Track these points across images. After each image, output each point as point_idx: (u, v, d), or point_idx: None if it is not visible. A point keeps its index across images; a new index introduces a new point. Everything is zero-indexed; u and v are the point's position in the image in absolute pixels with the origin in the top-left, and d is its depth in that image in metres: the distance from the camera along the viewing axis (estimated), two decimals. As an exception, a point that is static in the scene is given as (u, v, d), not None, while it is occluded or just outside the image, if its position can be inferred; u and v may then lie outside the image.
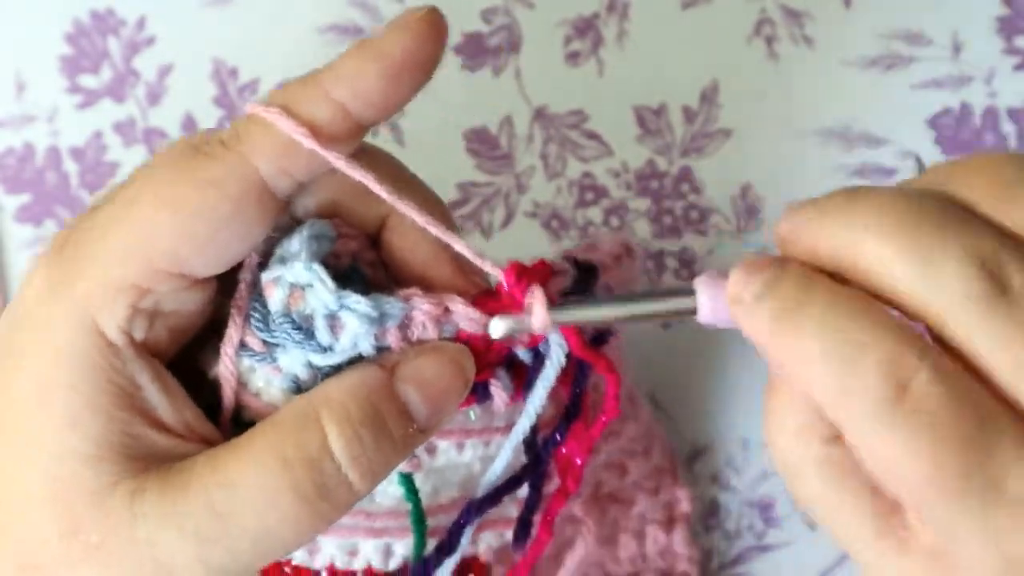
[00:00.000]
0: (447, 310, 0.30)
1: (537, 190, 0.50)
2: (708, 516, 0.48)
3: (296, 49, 0.52)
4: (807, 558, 0.47)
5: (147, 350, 0.29)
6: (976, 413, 0.24)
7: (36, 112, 0.51)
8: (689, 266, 0.49)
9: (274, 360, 0.30)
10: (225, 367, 0.30)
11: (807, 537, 0.47)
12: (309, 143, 0.29)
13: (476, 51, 0.51)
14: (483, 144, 0.51)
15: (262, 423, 0.29)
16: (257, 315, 0.30)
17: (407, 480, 0.32)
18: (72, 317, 0.28)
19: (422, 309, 0.30)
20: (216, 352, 0.30)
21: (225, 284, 0.31)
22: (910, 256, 0.25)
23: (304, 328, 0.29)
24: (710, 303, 0.28)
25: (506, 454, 0.33)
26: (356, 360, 0.30)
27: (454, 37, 0.52)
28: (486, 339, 0.30)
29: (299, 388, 0.30)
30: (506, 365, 0.32)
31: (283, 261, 0.30)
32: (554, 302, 0.30)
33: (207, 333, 0.31)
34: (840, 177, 0.50)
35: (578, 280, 0.33)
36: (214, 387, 0.31)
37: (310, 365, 0.30)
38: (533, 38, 0.52)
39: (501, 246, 0.49)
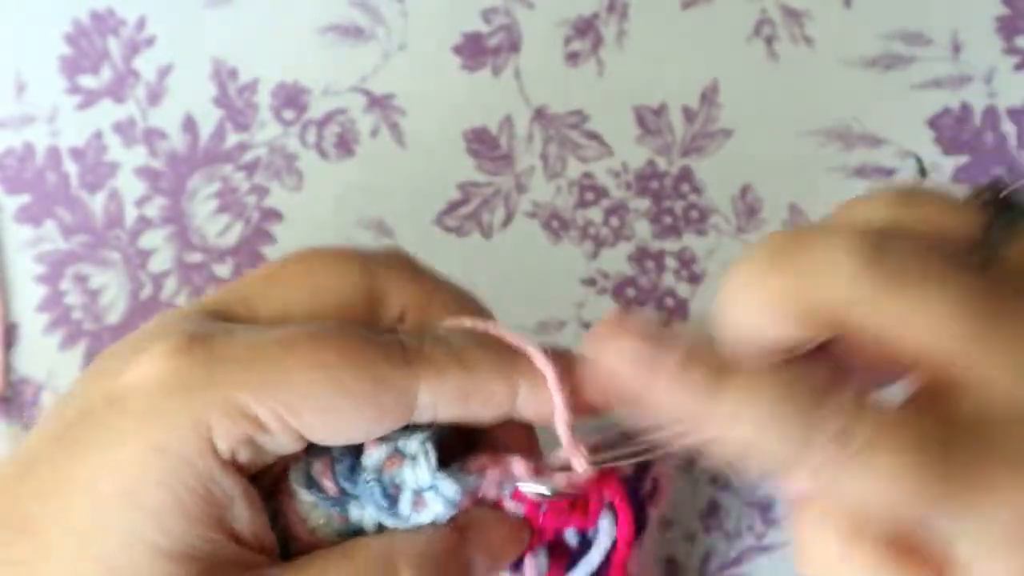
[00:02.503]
0: (511, 474, 0.31)
1: (537, 190, 0.50)
2: (708, 516, 0.48)
3: (296, 49, 0.52)
4: (807, 558, 0.47)
5: (242, 470, 0.29)
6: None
7: (36, 112, 0.51)
8: (689, 266, 0.49)
9: (344, 510, 0.30)
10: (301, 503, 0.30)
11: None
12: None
13: (476, 51, 0.51)
14: (483, 144, 0.51)
15: (339, 551, 0.29)
16: (344, 464, 0.30)
17: None
18: (189, 419, 0.27)
19: (493, 479, 0.31)
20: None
21: None
22: (789, 278, 0.26)
23: (388, 494, 0.30)
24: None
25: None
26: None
27: (453, 37, 0.52)
28: (534, 512, 0.32)
29: (356, 534, 0.31)
30: (549, 545, 0.33)
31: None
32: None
33: None
34: (840, 177, 0.50)
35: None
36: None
37: (379, 525, 0.30)
38: (533, 38, 0.52)
39: (501, 246, 0.49)
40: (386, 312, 0.30)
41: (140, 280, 0.50)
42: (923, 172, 0.50)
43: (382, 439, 0.30)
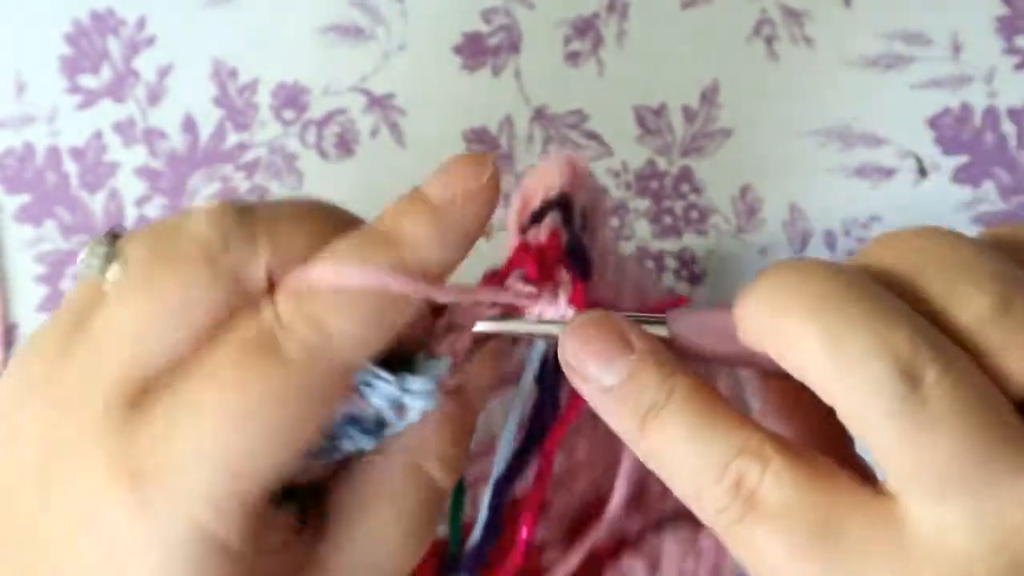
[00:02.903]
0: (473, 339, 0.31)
1: (537, 190, 0.50)
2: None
3: (296, 49, 0.52)
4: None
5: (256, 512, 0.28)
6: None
7: (36, 112, 0.51)
8: (689, 266, 0.49)
9: (339, 452, 0.30)
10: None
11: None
12: (407, 286, 0.27)
13: (476, 51, 0.51)
14: (483, 144, 0.51)
15: (372, 498, 0.29)
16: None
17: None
18: (189, 539, 0.26)
19: (462, 346, 0.30)
20: None
21: None
22: (825, 341, 0.25)
23: (368, 429, 0.29)
24: (683, 329, 0.28)
25: (517, 409, 0.33)
26: None
27: (453, 37, 0.52)
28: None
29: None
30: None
31: None
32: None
33: None
34: (840, 177, 0.50)
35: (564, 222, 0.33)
36: None
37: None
38: (533, 38, 0.52)
39: (501, 246, 0.49)
40: (253, 285, 0.27)
41: (140, 280, 0.50)
42: (923, 172, 0.50)
43: None
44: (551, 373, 0.33)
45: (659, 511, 0.44)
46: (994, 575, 0.24)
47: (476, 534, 0.33)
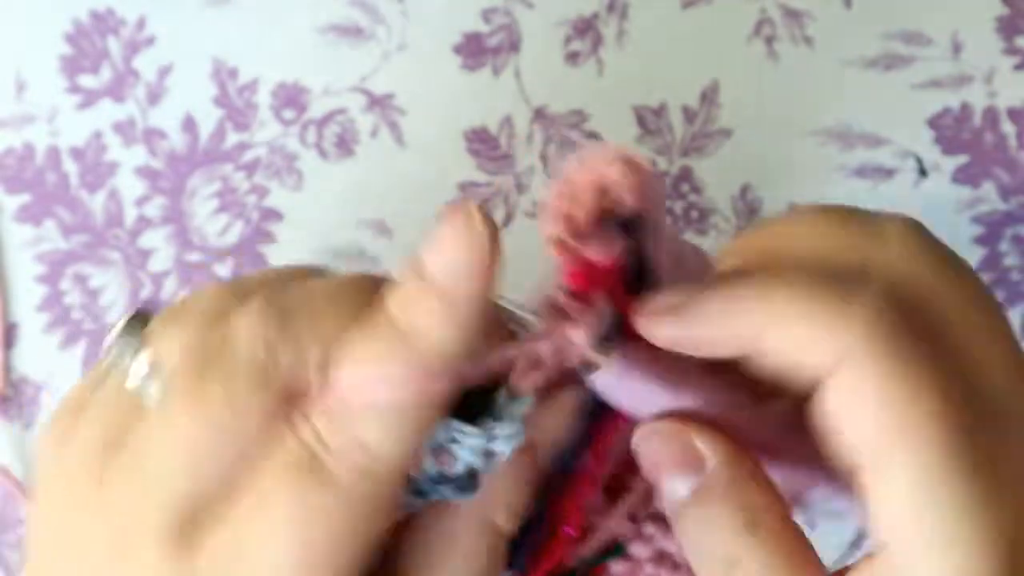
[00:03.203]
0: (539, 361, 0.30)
1: (537, 190, 0.50)
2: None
3: (296, 49, 0.52)
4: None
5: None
6: None
7: (36, 112, 0.51)
8: (689, 266, 0.49)
9: (428, 498, 0.30)
10: None
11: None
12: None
13: (476, 51, 0.51)
14: (483, 144, 0.51)
15: (439, 552, 0.29)
16: (407, 487, 0.29)
17: None
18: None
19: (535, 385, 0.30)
20: None
21: None
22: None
23: (463, 486, 0.29)
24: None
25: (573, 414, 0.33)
26: None
27: (453, 37, 0.52)
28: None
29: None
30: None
31: None
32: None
33: None
34: (840, 177, 0.50)
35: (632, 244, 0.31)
36: None
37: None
38: (533, 38, 0.52)
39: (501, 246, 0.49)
40: (303, 384, 0.27)
41: (140, 280, 0.50)
42: (923, 172, 0.50)
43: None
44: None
45: None
46: None
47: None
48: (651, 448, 0.28)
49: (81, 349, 0.49)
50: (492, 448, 0.29)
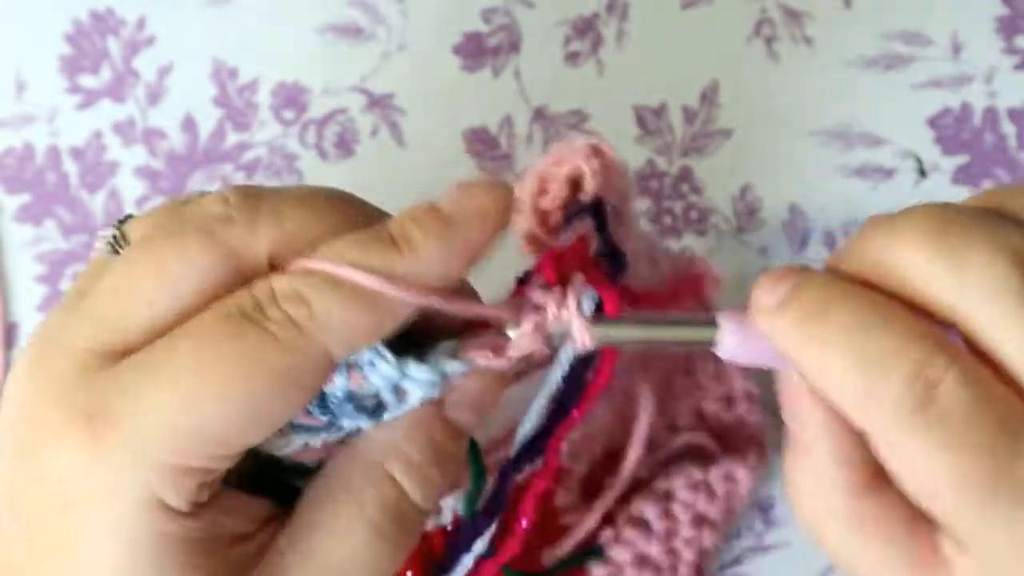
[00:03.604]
0: (502, 348, 0.30)
1: (537, 190, 0.50)
2: (708, 516, 0.48)
3: (296, 49, 0.52)
4: (807, 558, 0.47)
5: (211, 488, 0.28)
6: (1003, 419, 0.24)
7: (36, 112, 0.51)
8: (689, 266, 0.49)
9: (337, 428, 0.30)
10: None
11: (807, 537, 0.47)
12: (394, 291, 0.27)
13: (476, 51, 0.51)
14: (483, 144, 0.51)
15: (332, 491, 0.28)
16: (312, 402, 0.29)
17: (473, 446, 0.32)
18: (135, 498, 0.26)
19: (482, 362, 0.30)
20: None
21: None
22: (941, 257, 0.25)
23: (366, 406, 0.29)
24: (732, 338, 0.28)
25: (539, 404, 0.32)
26: None
27: (454, 37, 0.52)
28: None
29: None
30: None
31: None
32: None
33: None
34: (840, 177, 0.50)
35: (597, 228, 0.32)
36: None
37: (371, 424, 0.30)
38: (533, 38, 0.52)
39: (501, 245, 0.49)
40: (252, 266, 0.27)
41: (140, 280, 0.50)
42: (923, 172, 0.50)
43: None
44: (576, 376, 0.32)
45: (667, 450, 0.44)
46: None
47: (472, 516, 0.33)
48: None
49: (81, 349, 0.49)
50: (403, 386, 0.28)
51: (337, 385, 0.28)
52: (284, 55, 0.52)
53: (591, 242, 0.32)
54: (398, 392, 0.29)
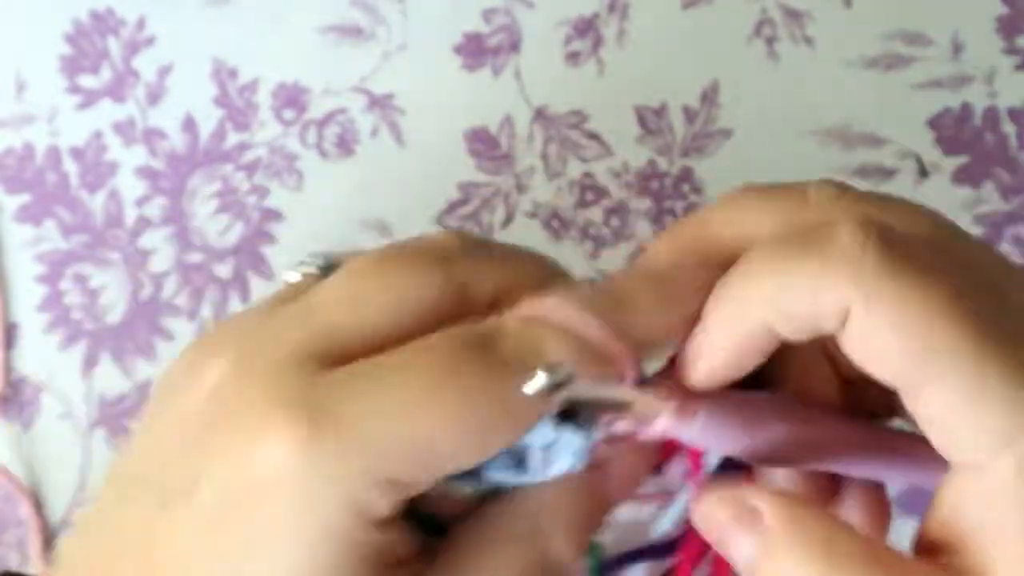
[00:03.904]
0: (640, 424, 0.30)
1: (537, 190, 0.50)
2: (708, 516, 0.47)
3: (296, 49, 0.52)
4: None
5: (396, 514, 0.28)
6: None
7: (36, 112, 0.51)
8: (689, 266, 0.49)
9: (480, 480, 0.30)
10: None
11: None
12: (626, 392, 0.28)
13: (476, 51, 0.51)
14: (483, 144, 0.51)
15: (487, 541, 0.28)
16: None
17: (595, 548, 0.32)
18: (342, 505, 0.25)
19: (621, 429, 0.30)
20: None
21: None
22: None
23: (515, 460, 0.29)
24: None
25: (671, 516, 0.33)
26: None
27: (454, 37, 0.52)
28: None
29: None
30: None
31: None
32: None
33: None
34: (840, 177, 0.50)
35: None
36: None
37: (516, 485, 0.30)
38: (533, 38, 0.52)
39: (501, 246, 0.49)
40: (476, 302, 0.28)
41: (140, 280, 0.50)
42: (923, 172, 0.50)
43: None
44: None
45: None
46: None
47: None
48: (711, 515, 0.27)
49: (81, 349, 0.49)
50: (553, 449, 0.29)
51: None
52: (284, 55, 0.52)
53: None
54: (545, 454, 0.29)
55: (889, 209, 0.28)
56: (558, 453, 0.29)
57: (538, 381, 0.26)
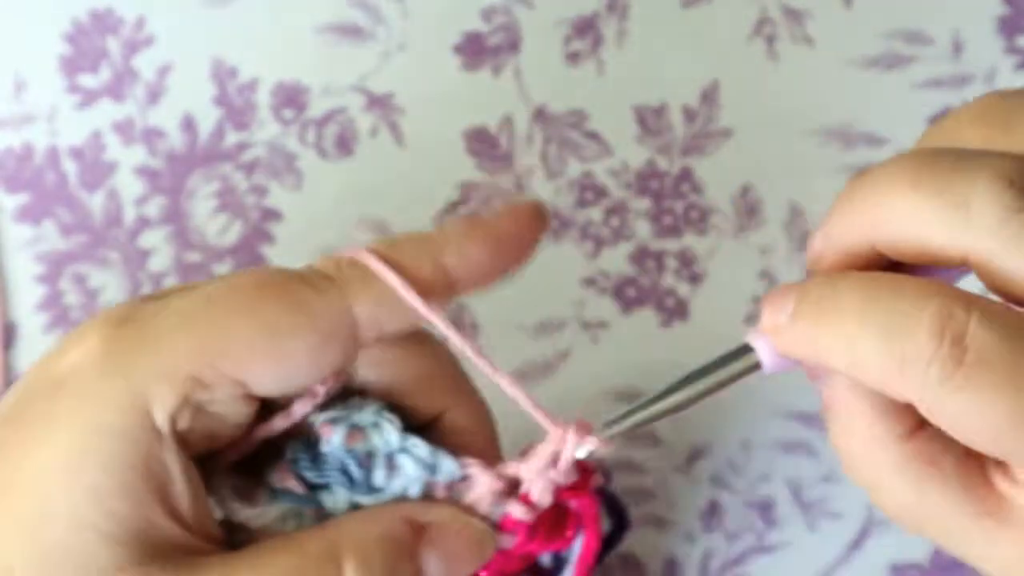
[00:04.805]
0: (511, 485, 0.30)
1: (537, 190, 0.50)
2: (708, 516, 0.47)
3: (296, 49, 0.52)
4: (807, 558, 0.47)
5: (182, 441, 0.29)
6: None
7: (35, 112, 0.51)
8: (689, 266, 0.49)
9: (317, 503, 0.30)
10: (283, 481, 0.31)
11: (807, 537, 0.47)
12: (411, 295, 0.30)
13: (476, 51, 0.51)
14: (483, 144, 0.51)
15: (283, 542, 0.29)
16: (304, 458, 0.30)
17: None
18: (124, 396, 0.27)
19: (482, 479, 0.30)
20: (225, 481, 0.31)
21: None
22: (938, 195, 0.24)
23: (361, 465, 0.29)
24: (771, 353, 0.28)
25: None
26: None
27: (453, 37, 0.52)
28: (523, 545, 0.31)
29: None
30: (530, 571, 0.33)
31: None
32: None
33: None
34: (840, 177, 0.50)
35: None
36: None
37: (352, 505, 0.30)
38: (533, 38, 0.51)
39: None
40: None
41: (139, 280, 0.50)
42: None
43: (333, 421, 0.29)
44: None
45: None
46: None
47: None
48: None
49: (80, 349, 0.49)
50: (397, 460, 0.29)
51: (333, 440, 0.29)
52: (284, 54, 0.51)
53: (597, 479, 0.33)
54: (390, 465, 0.29)
55: None
56: (403, 461, 0.29)
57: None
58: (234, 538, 0.30)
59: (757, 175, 0.50)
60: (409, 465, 0.29)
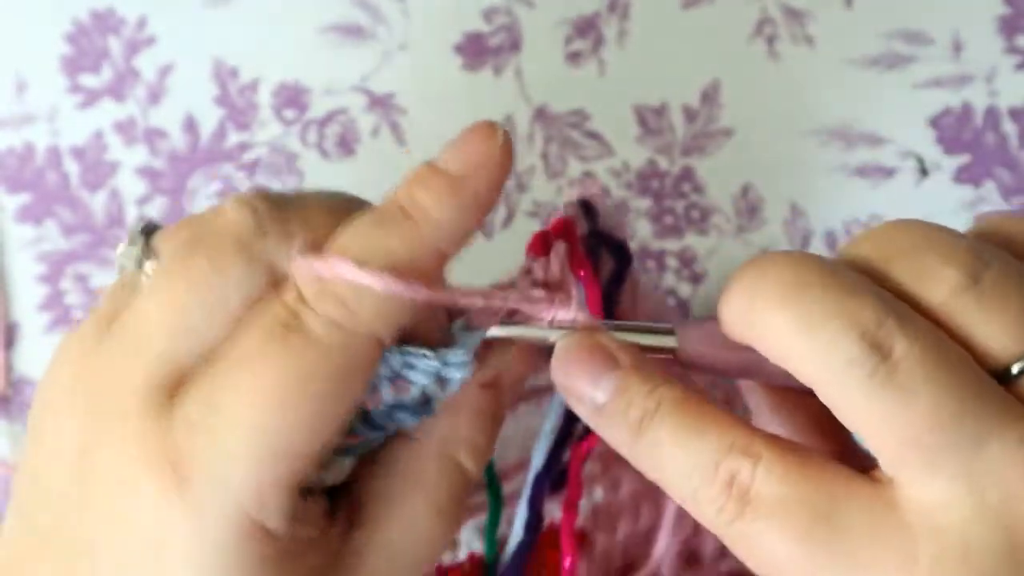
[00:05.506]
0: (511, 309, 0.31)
1: (537, 190, 0.50)
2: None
3: (297, 49, 0.52)
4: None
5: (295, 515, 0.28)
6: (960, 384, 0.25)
7: (36, 112, 0.51)
8: (690, 266, 0.49)
9: (383, 433, 0.30)
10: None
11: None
12: (411, 291, 0.28)
13: (476, 51, 0.51)
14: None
15: (407, 487, 0.29)
16: (355, 421, 0.29)
17: (490, 470, 0.33)
18: (228, 531, 0.26)
19: (494, 320, 0.30)
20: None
21: None
22: (794, 322, 0.25)
23: (412, 407, 0.29)
24: (691, 343, 0.29)
25: (554, 413, 0.33)
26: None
27: (454, 37, 0.52)
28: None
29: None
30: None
31: None
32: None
33: None
34: (840, 177, 0.50)
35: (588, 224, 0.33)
36: None
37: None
38: (533, 38, 0.52)
39: (502, 246, 0.49)
40: (284, 271, 0.28)
41: (140, 280, 0.50)
42: (924, 172, 0.50)
43: (372, 388, 0.29)
44: None
45: (715, 573, 0.43)
46: (990, 547, 0.24)
47: (513, 541, 0.33)
48: (570, 356, 0.28)
49: (81, 349, 0.49)
50: (443, 373, 0.29)
51: (384, 399, 0.29)
52: (285, 55, 0.52)
53: (578, 226, 0.33)
54: (440, 382, 0.29)
55: None
56: (449, 374, 0.29)
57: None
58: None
59: (757, 175, 0.50)
60: (455, 373, 0.29)
